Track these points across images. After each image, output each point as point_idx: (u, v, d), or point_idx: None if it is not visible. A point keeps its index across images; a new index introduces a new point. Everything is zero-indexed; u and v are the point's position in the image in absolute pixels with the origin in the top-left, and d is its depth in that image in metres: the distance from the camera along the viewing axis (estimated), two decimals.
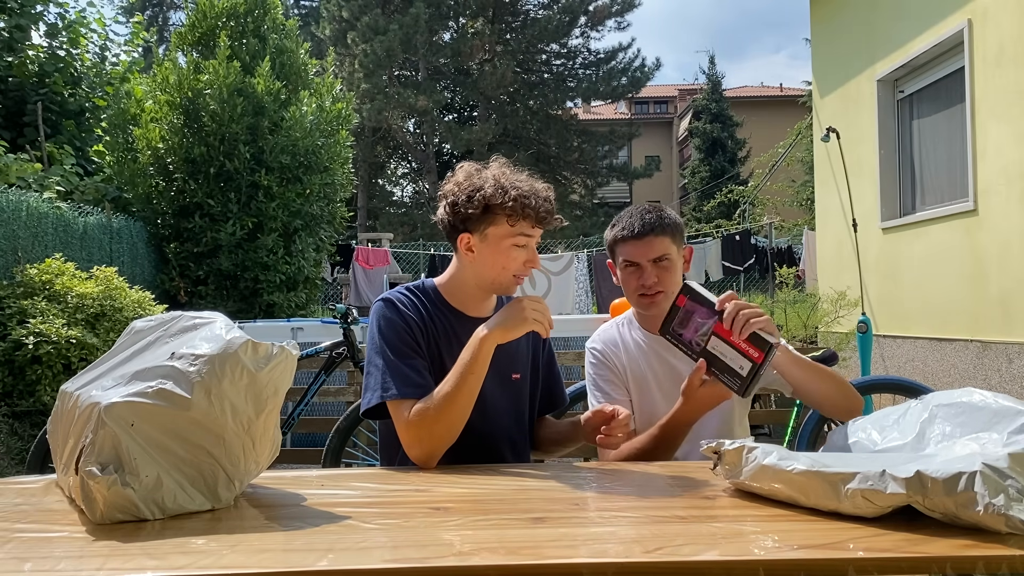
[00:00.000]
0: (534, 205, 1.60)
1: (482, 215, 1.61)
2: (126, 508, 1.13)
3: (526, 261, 1.65)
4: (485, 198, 1.60)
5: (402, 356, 1.60)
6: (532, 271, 1.75)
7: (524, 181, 1.64)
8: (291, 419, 3.79)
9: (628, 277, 1.82)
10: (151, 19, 27.38)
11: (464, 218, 1.63)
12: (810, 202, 14.99)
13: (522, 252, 1.64)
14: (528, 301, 1.57)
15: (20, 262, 5.28)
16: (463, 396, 1.54)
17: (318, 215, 8.59)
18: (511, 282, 1.67)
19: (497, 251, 1.63)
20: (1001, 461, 1.03)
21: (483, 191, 1.60)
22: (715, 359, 1.56)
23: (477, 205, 1.60)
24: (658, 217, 1.81)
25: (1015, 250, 5.01)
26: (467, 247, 1.65)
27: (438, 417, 1.53)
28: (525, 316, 1.54)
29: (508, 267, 1.64)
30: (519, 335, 1.59)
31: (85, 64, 9.07)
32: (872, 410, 1.61)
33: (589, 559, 0.96)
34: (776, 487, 1.18)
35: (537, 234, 1.65)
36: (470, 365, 1.54)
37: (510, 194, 1.59)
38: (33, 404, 4.61)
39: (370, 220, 24.28)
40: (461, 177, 1.66)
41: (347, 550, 1.00)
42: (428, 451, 1.55)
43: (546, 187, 1.67)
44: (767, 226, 13.72)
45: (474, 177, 1.64)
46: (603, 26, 25.54)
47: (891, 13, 6.48)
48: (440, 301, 1.72)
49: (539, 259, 1.70)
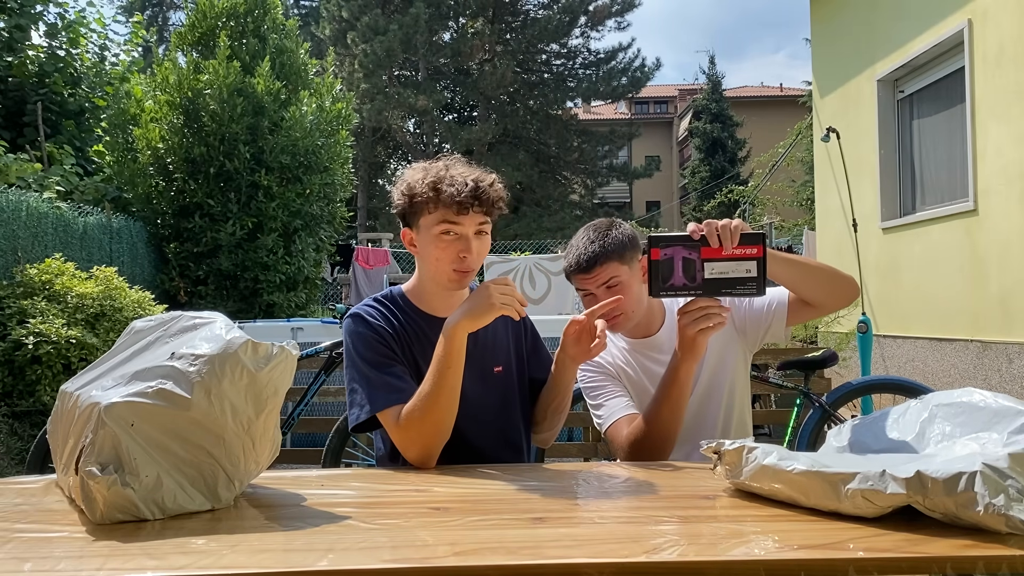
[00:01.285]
0: (450, 188, 1.54)
1: (410, 207, 1.61)
2: (126, 508, 1.13)
3: (460, 251, 1.58)
4: (408, 189, 1.60)
5: (380, 367, 1.60)
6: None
7: (459, 172, 1.58)
8: (291, 419, 3.78)
9: (587, 303, 1.82)
10: (151, 19, 27.36)
11: (402, 213, 1.65)
12: (810, 202, 14.99)
13: (454, 242, 1.57)
14: (494, 285, 1.52)
15: (20, 262, 5.28)
16: (445, 390, 1.52)
17: (318, 215, 8.59)
18: (452, 276, 1.61)
19: (428, 242, 1.60)
20: (1001, 461, 1.03)
21: (409, 183, 1.60)
22: (720, 281, 1.52)
23: (403, 197, 1.61)
24: (601, 245, 1.77)
25: (1015, 250, 5.00)
26: (410, 242, 1.67)
27: (424, 416, 1.52)
28: (492, 301, 1.49)
29: (442, 258, 1.59)
30: (488, 321, 1.53)
31: (85, 64, 9.06)
32: (872, 410, 1.62)
33: (589, 559, 0.96)
34: (776, 487, 1.18)
35: (466, 222, 1.56)
36: (444, 359, 1.52)
37: (427, 182, 1.56)
38: (33, 404, 4.61)
39: (370, 220, 24.27)
40: (407, 174, 1.65)
41: (347, 550, 1.00)
42: (423, 451, 1.55)
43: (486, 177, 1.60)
44: (767, 226, 13.71)
45: (409, 174, 1.64)
46: (603, 26, 25.52)
47: (891, 13, 6.48)
48: (409, 307, 1.71)
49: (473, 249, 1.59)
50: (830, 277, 1.75)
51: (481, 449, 1.68)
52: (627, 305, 1.78)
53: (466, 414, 1.61)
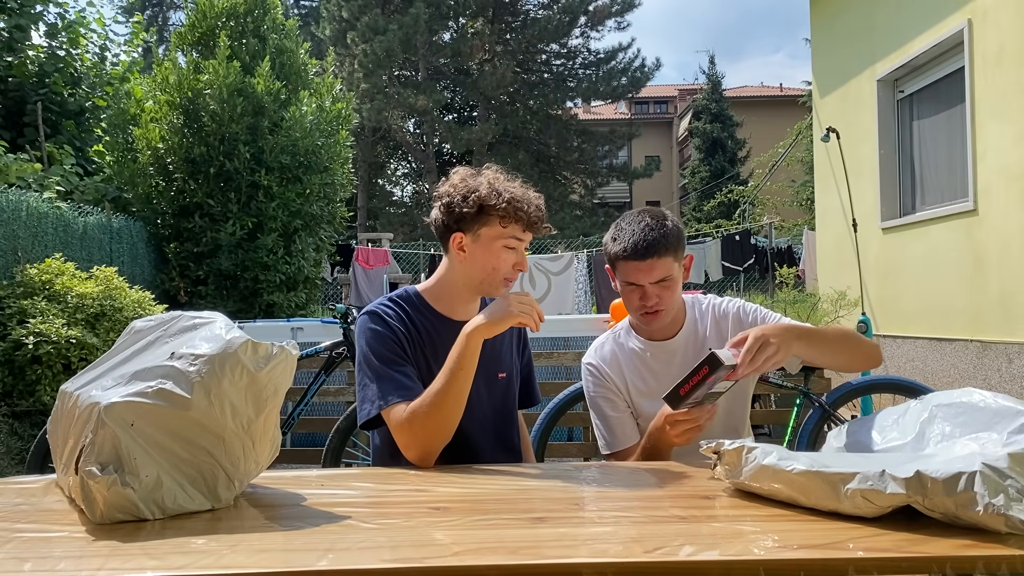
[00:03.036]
0: (526, 209, 1.66)
1: (476, 215, 1.66)
2: (126, 508, 1.13)
3: (515, 264, 1.69)
4: (480, 198, 1.65)
5: (392, 364, 1.64)
6: (532, 271, 1.77)
7: (517, 188, 1.69)
8: (291, 419, 3.78)
9: (629, 294, 1.79)
10: (151, 19, 27.38)
11: (458, 218, 1.67)
12: (810, 202, 14.99)
13: (511, 255, 1.68)
14: (514, 296, 1.60)
15: (20, 262, 5.27)
16: (453, 392, 1.56)
17: (318, 215, 8.59)
18: (499, 284, 1.70)
19: (488, 252, 1.67)
20: (1001, 461, 1.03)
21: (478, 192, 1.65)
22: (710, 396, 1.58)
23: (472, 205, 1.65)
24: (661, 235, 1.73)
25: (1015, 250, 5.00)
26: (459, 246, 1.69)
27: (429, 414, 1.55)
28: (511, 310, 1.56)
29: (498, 268, 1.68)
30: (504, 328, 1.60)
31: (85, 64, 9.06)
32: (872, 410, 1.62)
33: (589, 559, 0.96)
34: (776, 487, 1.18)
35: (527, 239, 1.70)
36: (459, 361, 1.56)
37: (504, 196, 1.64)
38: (33, 404, 4.61)
39: (370, 220, 24.28)
40: (456, 180, 1.71)
41: (347, 550, 1.00)
42: (423, 450, 1.57)
43: (538, 196, 1.72)
44: (767, 226, 13.72)
45: (469, 180, 1.69)
46: (603, 26, 25.53)
47: (891, 13, 6.47)
48: (424, 307, 1.75)
49: (527, 263, 1.73)
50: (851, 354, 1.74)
51: (480, 450, 1.71)
52: (670, 303, 1.78)
53: (471, 417, 1.65)
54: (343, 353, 3.84)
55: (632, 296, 1.78)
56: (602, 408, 1.86)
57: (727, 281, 13.37)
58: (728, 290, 12.49)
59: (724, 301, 1.90)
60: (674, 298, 1.79)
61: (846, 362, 1.76)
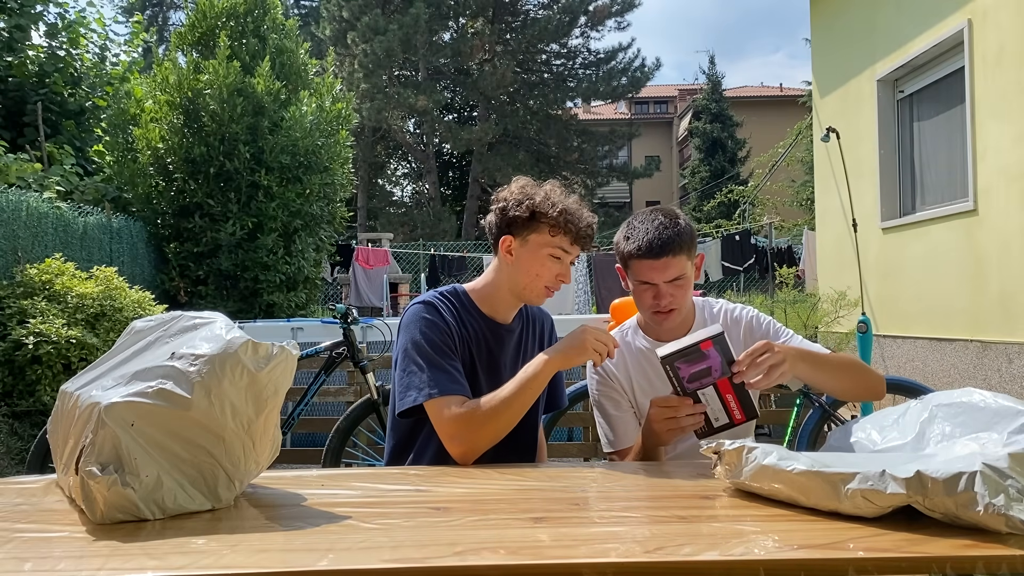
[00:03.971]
0: (576, 223, 1.70)
1: (527, 221, 1.70)
2: (126, 508, 1.13)
3: (558, 274, 1.73)
4: (534, 205, 1.69)
5: (445, 356, 1.67)
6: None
7: (573, 202, 1.73)
8: (291, 419, 3.78)
9: (642, 293, 1.78)
10: (151, 19, 27.37)
11: (510, 221, 1.72)
12: (810, 202, 14.99)
13: (556, 264, 1.72)
14: (592, 330, 1.62)
15: (20, 262, 5.27)
16: (516, 405, 1.62)
17: (318, 215, 8.59)
18: (541, 292, 1.74)
19: (534, 258, 1.71)
20: (1001, 461, 1.03)
21: (533, 199, 1.70)
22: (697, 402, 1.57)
23: (525, 210, 1.70)
24: (675, 233, 1.72)
25: (1015, 250, 5.00)
26: (507, 249, 1.73)
27: (488, 419, 1.60)
28: (586, 347, 1.60)
29: (541, 275, 1.72)
30: (580, 363, 1.65)
31: (85, 64, 9.06)
32: (872, 410, 1.62)
33: (589, 559, 0.96)
34: (776, 487, 1.18)
35: (575, 252, 1.73)
36: (529, 382, 1.62)
37: (557, 207, 1.69)
38: (33, 404, 4.61)
39: (370, 220, 24.27)
40: (515, 187, 1.76)
41: (347, 550, 1.00)
42: (470, 448, 1.61)
43: (592, 215, 1.76)
44: (767, 226, 13.71)
45: (528, 188, 1.74)
46: (603, 26, 25.52)
47: (891, 13, 6.48)
48: (472, 306, 1.79)
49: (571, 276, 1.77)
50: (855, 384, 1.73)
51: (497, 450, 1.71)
52: (683, 302, 1.77)
53: None
54: (343, 353, 3.85)
55: (645, 295, 1.77)
56: (605, 407, 1.86)
57: (727, 281, 13.37)
58: (728, 290, 12.48)
59: (737, 308, 1.89)
60: (687, 297, 1.79)
61: (849, 390, 1.75)
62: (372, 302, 11.36)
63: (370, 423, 3.75)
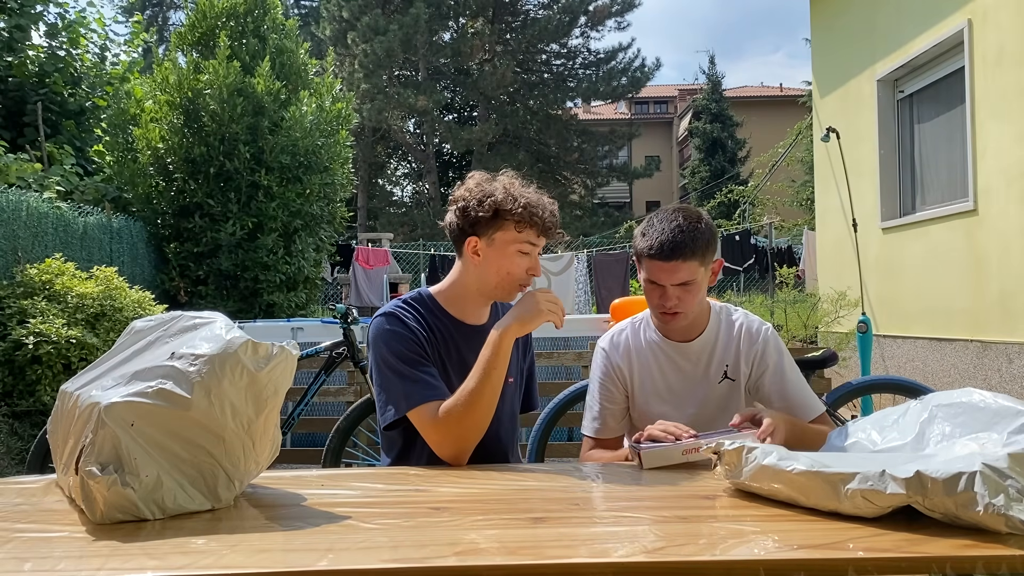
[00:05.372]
0: (541, 215, 1.68)
1: (491, 219, 1.67)
2: (126, 508, 1.13)
3: (528, 269, 1.71)
4: (496, 203, 1.67)
5: (416, 365, 1.64)
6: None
7: (532, 193, 1.71)
8: (291, 419, 3.79)
9: (650, 291, 1.77)
10: (151, 19, 27.37)
11: (473, 221, 1.69)
12: (810, 202, 14.98)
13: (525, 259, 1.70)
14: (541, 293, 1.64)
15: (20, 262, 5.27)
16: (487, 391, 1.60)
17: (318, 215, 8.59)
18: (513, 288, 1.73)
19: (502, 256, 1.69)
20: (1001, 461, 1.03)
21: (494, 197, 1.67)
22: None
23: (488, 209, 1.67)
24: (690, 238, 1.69)
25: (1015, 250, 5.00)
26: (473, 250, 1.71)
27: (465, 413, 1.58)
28: (540, 308, 1.61)
29: (512, 272, 1.70)
30: (536, 326, 1.64)
31: (85, 64, 9.06)
32: (872, 410, 1.62)
33: (589, 559, 0.96)
34: (776, 487, 1.18)
35: (541, 244, 1.72)
36: (491, 360, 1.60)
37: (519, 202, 1.67)
38: (33, 404, 4.60)
39: (370, 220, 24.27)
40: (472, 184, 1.73)
41: (347, 550, 1.00)
42: (459, 448, 1.60)
43: (552, 202, 1.75)
44: (767, 226, 13.70)
45: (485, 184, 1.71)
46: (603, 26, 25.55)
47: (891, 13, 6.48)
48: (438, 309, 1.76)
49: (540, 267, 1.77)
50: None
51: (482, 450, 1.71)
52: (691, 306, 1.75)
53: None
54: (343, 353, 3.85)
55: (652, 294, 1.77)
56: (597, 393, 1.88)
57: (727, 281, 13.36)
58: (728, 290, 12.47)
59: (755, 324, 1.86)
60: (695, 302, 1.75)
61: None
62: (372, 302, 11.36)
63: (370, 423, 3.75)
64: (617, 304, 4.28)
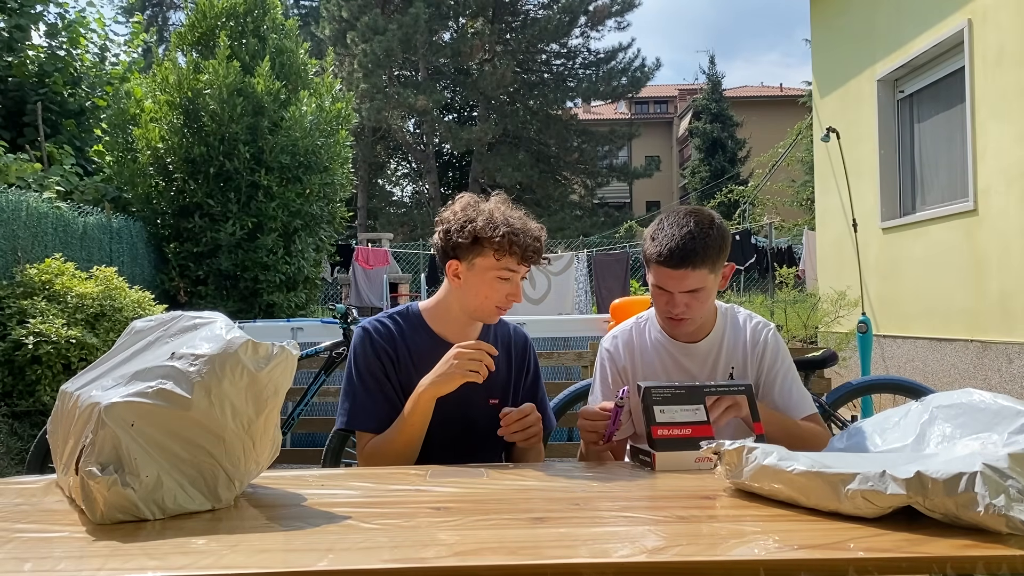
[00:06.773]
0: (521, 243, 1.68)
1: (471, 245, 1.69)
2: (126, 508, 1.13)
3: (508, 294, 1.73)
4: (475, 230, 1.68)
5: (368, 388, 1.75)
6: (532, 271, 1.78)
7: (518, 219, 1.71)
8: (291, 419, 3.78)
9: (657, 295, 1.75)
10: (151, 19, 27.39)
11: (454, 246, 1.71)
12: (810, 202, 14.98)
13: (505, 285, 1.72)
14: (463, 352, 1.62)
15: (20, 262, 5.27)
16: (403, 440, 1.69)
17: (318, 215, 8.59)
18: (492, 312, 1.75)
19: (482, 281, 1.71)
20: (1001, 461, 1.03)
21: (475, 223, 1.68)
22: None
23: (467, 235, 1.68)
24: (701, 246, 1.64)
25: (1015, 250, 5.00)
26: (454, 273, 1.74)
27: (384, 455, 1.70)
28: (455, 372, 1.61)
29: (491, 297, 1.72)
30: (453, 388, 1.64)
31: (85, 64, 9.06)
32: (872, 410, 1.62)
33: (589, 559, 0.96)
34: (776, 487, 1.18)
35: (523, 270, 1.73)
36: (408, 417, 1.68)
37: (500, 230, 1.66)
38: (33, 404, 4.60)
39: (370, 220, 24.28)
40: (458, 207, 1.74)
41: (347, 550, 1.00)
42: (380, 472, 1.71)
43: (539, 227, 1.75)
44: (767, 226, 13.70)
45: (470, 209, 1.72)
46: (603, 26, 25.55)
47: (891, 13, 6.48)
48: (422, 326, 1.81)
49: (521, 293, 1.77)
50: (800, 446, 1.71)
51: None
52: (699, 313, 1.73)
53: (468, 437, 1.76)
54: (343, 353, 3.84)
55: (659, 299, 1.74)
56: (600, 394, 1.88)
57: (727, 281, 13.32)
58: (728, 290, 12.47)
59: (760, 324, 1.85)
60: (703, 308, 1.73)
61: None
62: (372, 302, 11.36)
63: None
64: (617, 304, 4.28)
